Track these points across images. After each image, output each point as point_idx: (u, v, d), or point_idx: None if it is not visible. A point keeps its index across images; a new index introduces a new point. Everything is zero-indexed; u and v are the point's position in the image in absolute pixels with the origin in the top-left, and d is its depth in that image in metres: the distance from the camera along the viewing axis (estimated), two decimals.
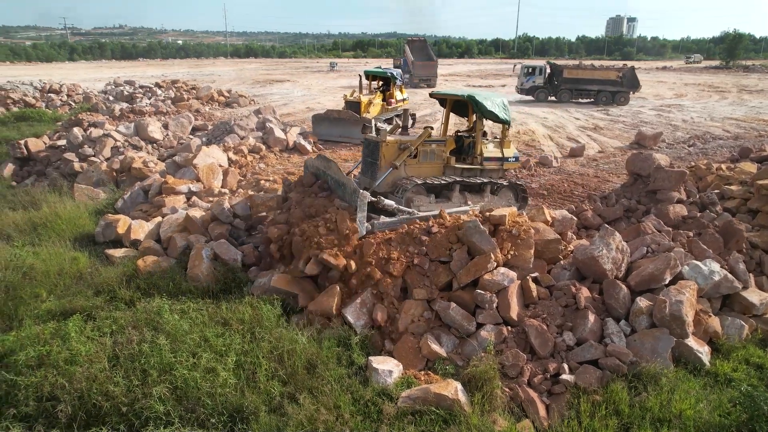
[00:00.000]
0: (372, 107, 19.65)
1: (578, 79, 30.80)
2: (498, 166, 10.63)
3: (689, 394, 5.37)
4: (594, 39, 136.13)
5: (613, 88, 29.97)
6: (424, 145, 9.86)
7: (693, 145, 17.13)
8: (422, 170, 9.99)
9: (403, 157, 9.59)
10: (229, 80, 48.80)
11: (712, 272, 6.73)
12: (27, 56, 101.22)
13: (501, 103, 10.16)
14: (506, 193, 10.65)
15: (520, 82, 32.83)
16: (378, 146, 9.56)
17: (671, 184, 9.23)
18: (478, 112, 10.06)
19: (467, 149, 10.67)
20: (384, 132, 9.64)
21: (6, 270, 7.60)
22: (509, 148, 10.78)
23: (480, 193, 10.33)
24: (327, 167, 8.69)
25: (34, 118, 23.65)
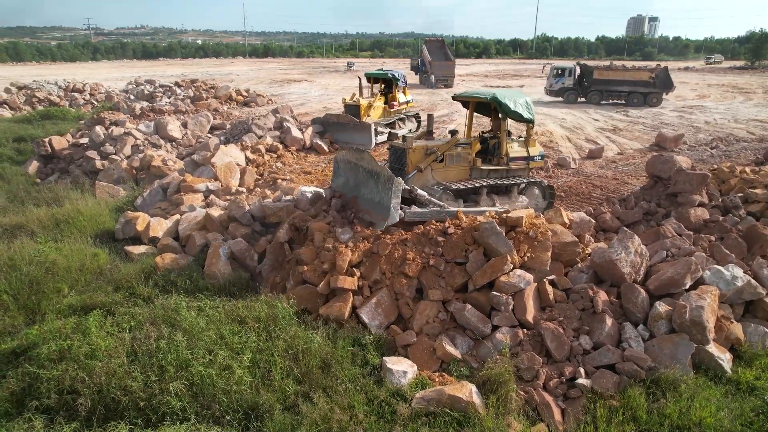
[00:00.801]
0: (372, 111, 18.74)
1: (609, 80, 30.16)
2: (524, 166, 10.66)
3: (710, 402, 5.25)
4: (614, 39, 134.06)
5: (645, 89, 29.26)
6: (450, 149, 9.88)
7: (716, 147, 16.78)
8: (449, 174, 10.00)
9: (429, 162, 9.61)
10: (248, 80, 49.27)
11: (735, 277, 6.58)
12: (52, 56, 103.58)
13: (524, 103, 10.16)
14: (533, 192, 10.64)
15: (549, 84, 32.36)
16: (405, 153, 9.59)
17: (692, 187, 9.05)
18: (502, 113, 10.04)
19: (493, 150, 10.65)
20: (410, 139, 9.69)
21: (30, 265, 7.78)
22: (534, 146, 10.81)
23: (507, 194, 10.35)
24: (360, 158, 8.67)
25: (58, 116, 24.20)
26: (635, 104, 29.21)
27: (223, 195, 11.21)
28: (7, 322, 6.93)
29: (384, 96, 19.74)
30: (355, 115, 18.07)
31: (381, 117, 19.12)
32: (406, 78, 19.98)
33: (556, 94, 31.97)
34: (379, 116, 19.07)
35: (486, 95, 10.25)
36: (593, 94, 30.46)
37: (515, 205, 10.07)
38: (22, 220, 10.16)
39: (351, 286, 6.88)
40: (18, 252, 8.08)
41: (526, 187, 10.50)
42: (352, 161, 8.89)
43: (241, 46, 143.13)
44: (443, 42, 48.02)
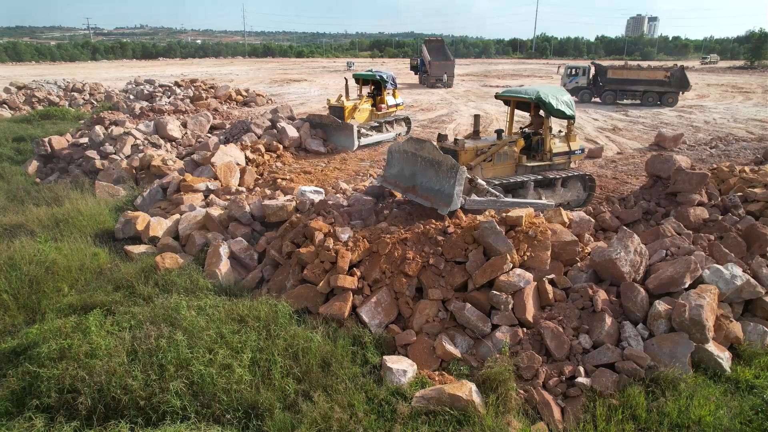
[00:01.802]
0: (358, 113, 18.10)
1: (623, 79, 29.93)
2: (566, 160, 11.17)
3: (709, 401, 5.26)
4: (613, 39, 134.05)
5: (660, 89, 29.00)
6: (497, 148, 10.26)
7: (715, 147, 16.79)
8: (497, 171, 10.44)
9: (480, 161, 10.02)
10: (247, 79, 49.27)
11: (734, 276, 6.59)
12: (51, 56, 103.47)
13: (567, 101, 10.61)
14: (575, 184, 11.09)
15: (563, 83, 32.20)
16: (456, 154, 9.93)
17: (692, 186, 9.05)
18: (545, 111, 10.48)
19: (536, 146, 11.05)
20: (461, 141, 10.10)
21: (30, 264, 7.79)
22: (575, 141, 11.32)
23: (552, 187, 10.80)
24: (420, 148, 8.89)
25: (58, 116, 24.18)
26: (650, 104, 29.00)
27: (223, 195, 11.21)
28: (8, 322, 6.95)
29: (372, 98, 19.09)
30: (339, 117, 17.57)
31: (368, 120, 18.47)
32: (395, 80, 19.40)
33: (570, 93, 31.80)
34: (366, 119, 18.42)
35: (530, 95, 10.58)
36: (607, 94, 30.25)
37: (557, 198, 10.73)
38: (22, 220, 10.16)
39: (351, 285, 6.90)
40: (18, 251, 8.08)
41: (568, 179, 10.93)
42: (410, 151, 9.15)
43: (241, 46, 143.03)
44: (443, 42, 48.02)
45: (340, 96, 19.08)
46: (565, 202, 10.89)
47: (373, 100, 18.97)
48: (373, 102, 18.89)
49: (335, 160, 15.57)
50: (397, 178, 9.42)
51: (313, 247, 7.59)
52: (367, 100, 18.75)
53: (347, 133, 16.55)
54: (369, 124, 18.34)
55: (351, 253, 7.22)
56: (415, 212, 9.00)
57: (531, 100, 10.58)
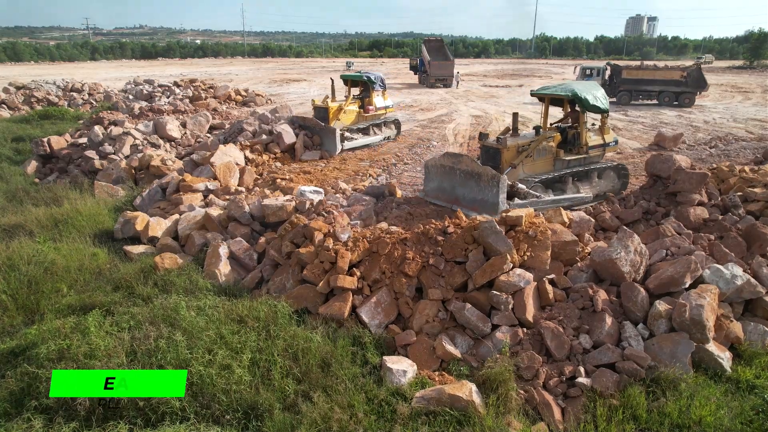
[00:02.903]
0: (344, 115, 17.51)
1: (638, 79, 29.71)
2: (601, 152, 11.56)
3: (709, 401, 5.25)
4: (613, 39, 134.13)
5: (676, 89, 28.67)
6: (537, 144, 10.54)
7: (715, 147, 16.79)
8: (536, 166, 10.80)
9: (521, 158, 10.31)
10: (246, 79, 49.25)
11: (735, 276, 6.58)
12: (51, 56, 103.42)
13: (602, 96, 10.99)
14: (609, 175, 11.51)
15: None
16: (499, 152, 10.24)
17: (692, 186, 9.04)
18: (581, 107, 10.83)
19: (573, 140, 11.37)
20: (504, 139, 10.33)
21: (29, 265, 7.77)
22: (609, 134, 11.74)
23: (588, 180, 11.21)
24: (457, 162, 9.32)
25: (57, 116, 24.17)
26: (666, 104, 28.71)
27: (223, 195, 11.19)
28: (6, 322, 6.93)
29: (361, 100, 18.52)
30: (323, 118, 17.09)
31: (354, 122, 17.94)
32: (384, 81, 18.91)
33: None
34: (352, 121, 17.88)
35: (566, 92, 10.92)
36: (623, 94, 29.97)
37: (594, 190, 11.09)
38: (21, 220, 10.13)
39: (351, 285, 6.88)
40: (17, 252, 8.07)
41: (603, 170, 11.34)
42: (447, 165, 9.53)
43: (240, 46, 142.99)
44: (442, 42, 48.01)
45: (326, 97, 18.62)
46: (602, 192, 11.23)
47: (361, 101, 18.48)
48: (360, 104, 18.41)
49: (335, 160, 15.55)
50: (438, 192, 9.93)
51: (312, 248, 7.58)
52: (354, 102, 18.27)
53: (330, 136, 16.14)
54: (356, 126, 17.86)
55: (351, 253, 7.21)
56: (416, 212, 9.00)
57: (567, 97, 10.95)
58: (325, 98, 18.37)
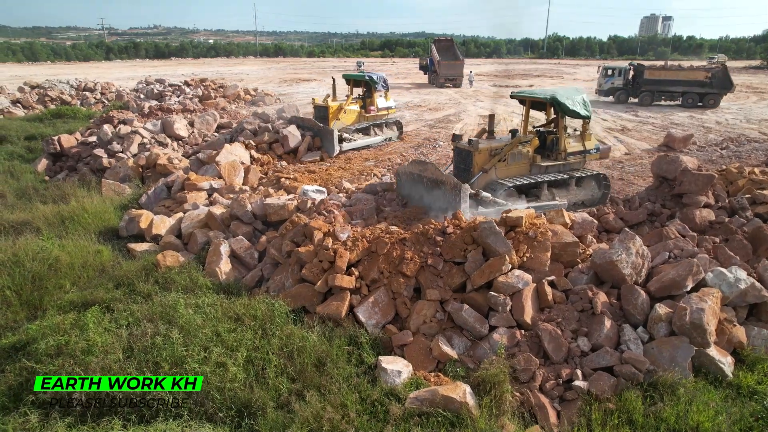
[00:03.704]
0: (345, 115, 17.35)
1: (661, 80, 28.89)
2: (581, 159, 11.16)
3: (708, 406, 5.16)
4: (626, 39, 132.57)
5: (701, 90, 27.77)
6: (511, 148, 10.24)
7: (726, 148, 16.51)
8: (511, 171, 10.46)
9: (494, 162, 10.05)
10: (257, 79, 49.49)
11: (738, 280, 6.46)
12: (66, 56, 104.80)
13: (581, 100, 10.58)
14: (589, 183, 11.08)
15: (599, 84, 31.59)
16: (471, 155, 9.99)
17: (698, 187, 8.90)
18: (561, 112, 10.47)
19: (551, 146, 11.01)
20: (476, 141, 10.09)
21: (33, 261, 7.88)
22: (590, 140, 11.31)
23: (566, 187, 10.82)
24: (424, 170, 9.13)
25: (69, 115, 24.51)
26: (690, 105, 27.91)
27: (227, 193, 11.25)
28: (10, 318, 7.03)
29: (363, 100, 18.29)
30: (323, 118, 16.92)
31: (355, 122, 17.76)
32: (386, 81, 18.62)
33: (606, 94, 31.12)
34: (353, 121, 17.72)
35: (545, 96, 10.58)
36: (645, 95, 29.21)
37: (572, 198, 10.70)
38: (29, 217, 10.28)
39: (349, 284, 6.88)
40: (22, 248, 8.18)
41: (583, 179, 10.94)
42: (414, 173, 9.34)
43: (252, 45, 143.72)
44: (452, 41, 47.82)
45: (327, 96, 18.52)
46: (579, 201, 10.87)
47: (363, 101, 18.29)
48: (362, 104, 18.23)
49: (339, 159, 15.57)
50: (409, 199, 9.77)
51: (312, 247, 7.58)
52: (355, 101, 18.10)
53: (327, 137, 15.98)
54: (356, 126, 17.69)
55: (350, 252, 7.20)
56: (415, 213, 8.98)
57: (546, 100, 10.61)
58: (325, 97, 18.28)
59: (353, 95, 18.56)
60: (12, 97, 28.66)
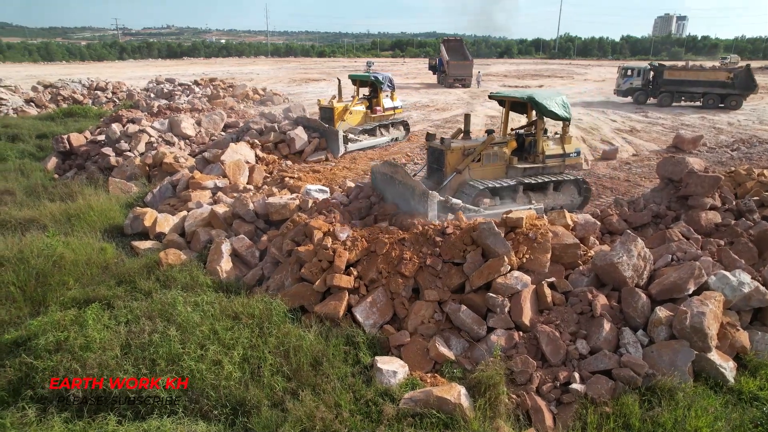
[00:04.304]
0: (350, 115, 17.30)
1: (681, 80, 28.28)
2: (560, 163, 10.79)
3: (707, 412, 5.07)
4: (640, 39, 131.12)
5: (722, 91, 27.09)
6: (486, 148, 9.99)
7: (737, 150, 16.26)
8: (485, 172, 10.18)
9: (467, 163, 9.81)
10: (267, 79, 49.73)
11: (742, 283, 6.35)
12: (81, 56, 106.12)
13: (561, 102, 10.28)
14: (569, 188, 10.76)
15: (617, 84, 31.13)
16: (443, 154, 9.75)
17: (704, 189, 8.76)
18: (538, 112, 10.19)
19: (529, 148, 10.76)
20: (448, 140, 9.85)
21: (38, 258, 7.98)
22: (570, 143, 10.93)
23: (543, 191, 10.49)
24: (394, 172, 8.93)
25: (80, 114, 24.83)
26: (710, 106, 27.25)
27: (231, 192, 11.30)
28: (14, 314, 7.10)
29: (369, 101, 18.22)
30: (328, 119, 16.92)
31: (361, 122, 17.67)
32: (393, 81, 18.46)
33: (624, 95, 30.66)
34: (359, 122, 17.63)
35: (522, 96, 10.35)
36: (664, 96, 28.69)
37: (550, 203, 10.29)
38: (36, 215, 10.43)
39: (347, 284, 6.87)
40: (28, 245, 8.29)
41: (562, 183, 10.64)
42: (387, 173, 9.14)
43: (264, 45, 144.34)
44: (461, 41, 47.68)
45: (333, 97, 18.42)
46: (557, 206, 10.44)
47: (369, 102, 18.19)
48: (368, 104, 18.11)
49: (345, 159, 15.58)
50: (384, 196, 9.42)
51: (312, 246, 7.59)
52: (361, 102, 17.99)
53: (333, 138, 15.91)
54: (362, 127, 17.59)
55: (348, 252, 7.20)
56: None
57: (523, 100, 10.35)
58: (331, 99, 18.20)
59: (359, 96, 18.47)
60: (26, 96, 29.09)
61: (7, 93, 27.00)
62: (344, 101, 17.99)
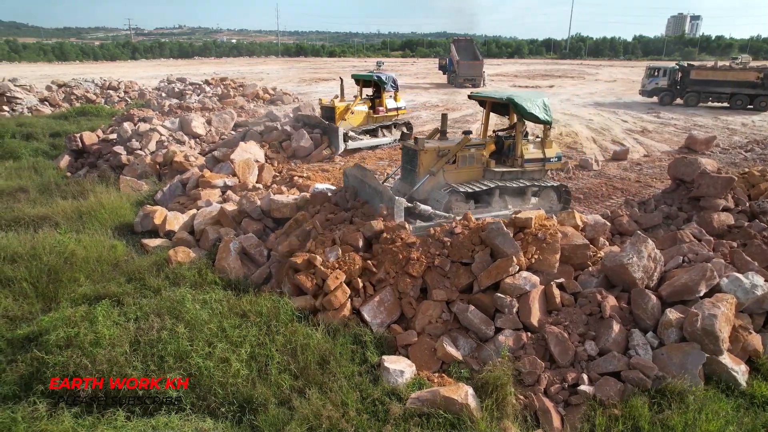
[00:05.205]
0: (351, 115, 17.12)
1: (708, 80, 27.73)
2: (540, 167, 10.39)
3: (718, 415, 5.01)
4: (652, 39, 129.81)
5: (751, 91, 26.42)
6: (462, 150, 9.71)
7: (751, 150, 16.04)
8: (461, 175, 9.80)
9: (442, 164, 9.50)
10: (277, 78, 49.93)
11: (755, 286, 6.26)
12: (95, 55, 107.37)
13: (541, 104, 9.90)
14: (549, 194, 10.39)
15: (643, 84, 30.71)
16: (416, 154, 9.46)
17: (717, 190, 8.65)
18: (517, 114, 9.83)
19: (507, 151, 10.40)
20: (422, 140, 9.57)
21: (50, 255, 8.07)
22: (551, 148, 10.50)
23: (521, 196, 10.10)
24: (364, 176, 8.80)
25: (93, 113, 25.11)
26: (738, 107, 26.68)
27: (240, 191, 11.37)
28: (26, 309, 7.19)
29: (372, 101, 18.00)
30: (329, 118, 16.79)
31: (363, 122, 17.49)
32: (396, 82, 18.19)
33: (650, 95, 30.17)
34: (361, 122, 17.46)
35: (501, 96, 10.04)
36: (690, 96, 28.15)
37: (526, 208, 9.77)
38: (49, 212, 10.55)
39: (342, 299, 6.73)
40: (40, 242, 8.39)
41: (542, 189, 10.28)
42: (358, 176, 9.00)
43: (274, 45, 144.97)
44: (471, 41, 47.54)
45: (335, 96, 18.24)
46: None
47: (371, 102, 17.98)
48: (371, 104, 17.91)
49: (354, 158, 15.61)
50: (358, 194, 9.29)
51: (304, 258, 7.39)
52: (363, 102, 17.82)
53: (333, 135, 15.82)
54: (364, 127, 17.43)
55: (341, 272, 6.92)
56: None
57: (502, 101, 9.98)
58: (333, 98, 18.04)
59: (362, 96, 18.31)
60: (40, 95, 29.46)
61: (22, 92, 27.36)
62: (347, 101, 17.85)
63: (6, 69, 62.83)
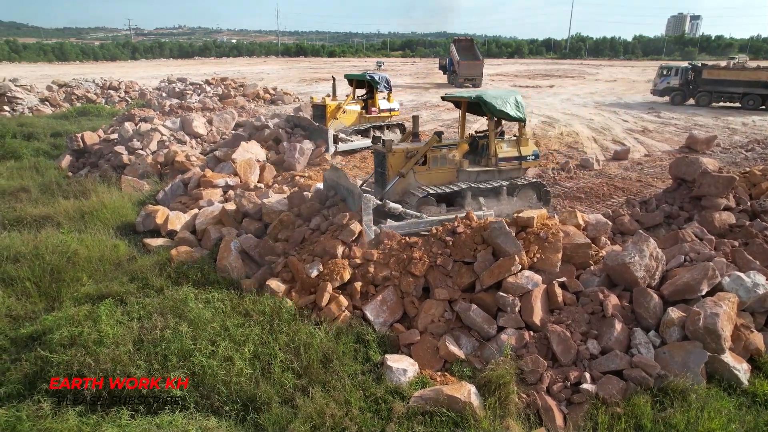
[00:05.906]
0: (343, 114, 17.01)
1: (720, 80, 27.46)
2: (516, 166, 10.28)
3: (720, 414, 5.04)
4: (652, 38, 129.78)
5: (764, 91, 26.20)
6: (433, 151, 9.60)
7: (751, 150, 16.04)
8: (433, 177, 9.71)
9: (410, 166, 9.41)
10: (277, 78, 49.92)
11: (757, 285, 6.28)
12: (95, 56, 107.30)
13: (513, 101, 9.80)
14: (527, 193, 10.27)
15: (654, 83, 30.48)
16: (385, 156, 9.39)
17: (718, 190, 8.66)
18: (488, 112, 9.74)
19: (482, 151, 10.27)
20: (389, 142, 9.47)
21: (53, 254, 8.09)
22: (527, 146, 10.39)
23: (496, 196, 9.95)
24: (338, 177, 8.83)
25: (94, 113, 25.14)
26: (751, 107, 26.40)
27: (242, 191, 11.36)
28: (29, 308, 7.21)
29: (365, 101, 17.82)
30: (320, 116, 16.67)
31: (355, 123, 17.36)
32: (390, 82, 18.01)
33: (661, 94, 29.86)
34: (354, 122, 17.34)
35: (471, 96, 9.94)
36: (702, 96, 27.85)
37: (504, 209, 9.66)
38: (51, 212, 10.58)
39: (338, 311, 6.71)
40: (43, 242, 8.41)
41: (520, 188, 10.16)
42: (333, 179, 9.03)
43: (274, 45, 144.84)
44: (472, 41, 47.49)
45: (327, 95, 18.07)
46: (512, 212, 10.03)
47: (364, 102, 17.80)
48: (364, 104, 17.73)
49: (355, 158, 15.62)
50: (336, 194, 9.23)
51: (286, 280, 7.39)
52: (355, 102, 17.66)
53: (322, 136, 15.66)
54: (356, 127, 17.27)
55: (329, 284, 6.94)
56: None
57: (472, 100, 9.87)
58: (325, 96, 17.91)
59: (355, 96, 18.16)
60: (41, 95, 29.47)
61: (23, 92, 27.36)
62: (339, 100, 17.69)
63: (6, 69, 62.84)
